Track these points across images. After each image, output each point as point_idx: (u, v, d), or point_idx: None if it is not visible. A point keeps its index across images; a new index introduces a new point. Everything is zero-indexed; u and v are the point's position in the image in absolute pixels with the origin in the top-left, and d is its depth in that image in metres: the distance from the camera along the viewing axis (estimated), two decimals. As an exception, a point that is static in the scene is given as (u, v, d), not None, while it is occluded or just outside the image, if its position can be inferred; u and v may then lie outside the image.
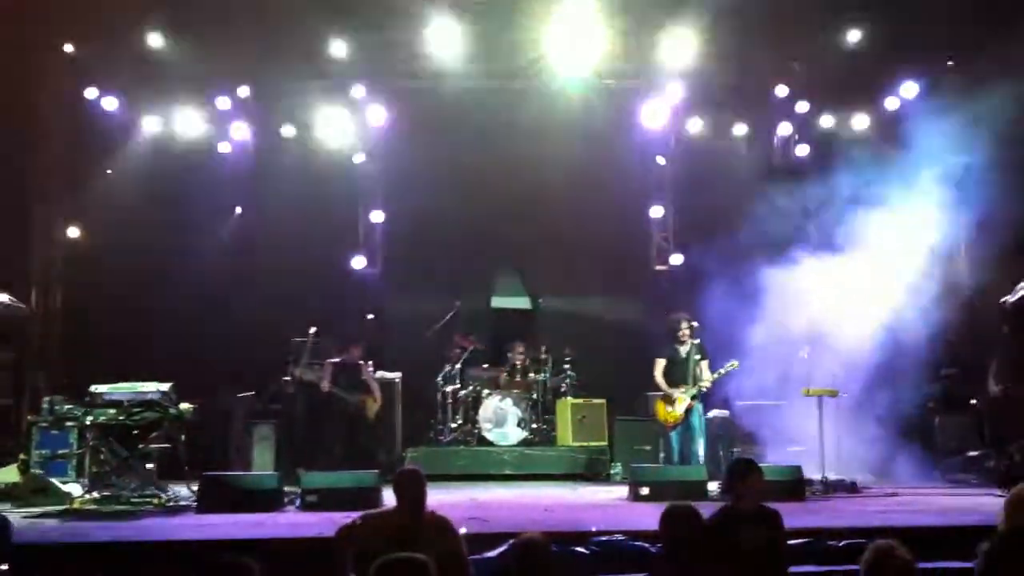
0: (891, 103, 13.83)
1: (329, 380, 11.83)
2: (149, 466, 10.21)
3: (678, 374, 11.31)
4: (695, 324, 11.43)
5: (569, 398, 13.49)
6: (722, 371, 11.19)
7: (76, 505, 9.53)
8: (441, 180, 14.22)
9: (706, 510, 5.88)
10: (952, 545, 6.85)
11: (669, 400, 11.24)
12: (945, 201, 11.43)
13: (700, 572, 5.10)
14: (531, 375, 13.81)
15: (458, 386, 13.66)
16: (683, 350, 11.34)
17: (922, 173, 11.70)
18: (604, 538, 7.16)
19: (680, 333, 11.33)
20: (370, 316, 14.82)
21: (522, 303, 15.86)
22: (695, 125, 14.75)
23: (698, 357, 11.31)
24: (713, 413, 11.95)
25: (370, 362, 12.56)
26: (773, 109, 14.52)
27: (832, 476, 10.62)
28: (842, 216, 12.06)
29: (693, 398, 11.18)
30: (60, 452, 10.97)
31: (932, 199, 11.52)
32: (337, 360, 12.07)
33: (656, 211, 15.32)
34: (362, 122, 14.16)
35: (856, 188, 12.22)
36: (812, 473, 10.45)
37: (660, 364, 11.43)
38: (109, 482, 9.98)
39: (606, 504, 10.21)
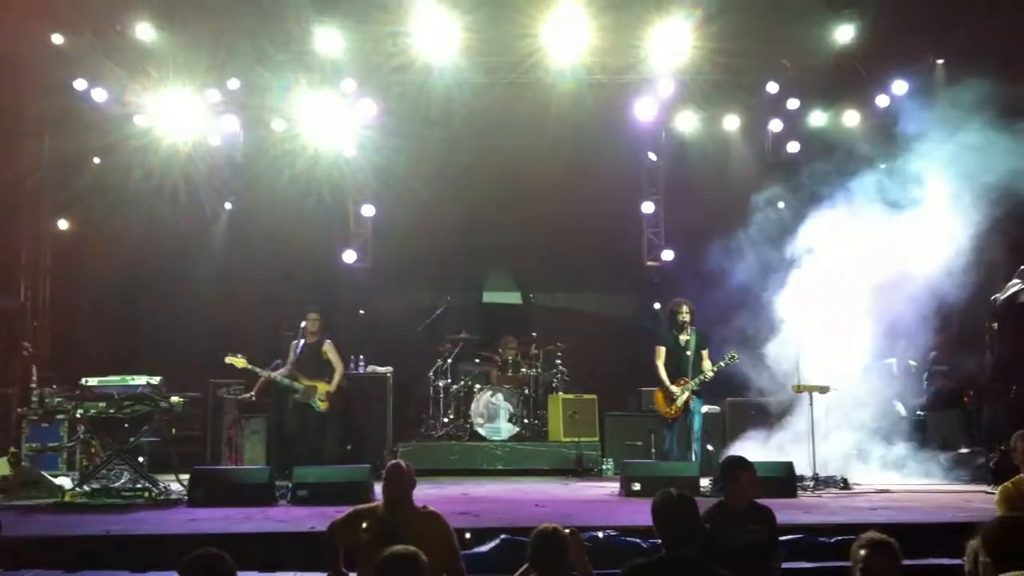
0: (882, 100, 13.86)
1: (292, 364, 11.35)
2: (140, 459, 10.21)
3: (678, 364, 11.07)
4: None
5: (560, 393, 13.51)
6: (723, 363, 11.00)
7: (67, 498, 9.48)
8: (432, 175, 14.21)
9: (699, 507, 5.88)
10: (942, 542, 6.86)
11: (669, 392, 11.05)
12: (937, 195, 11.44)
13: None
14: (523, 370, 13.81)
15: (449, 381, 13.67)
16: (683, 338, 11.09)
17: (914, 170, 11.74)
18: (596, 533, 7.15)
19: (680, 317, 11.12)
20: (361, 311, 14.82)
21: (513, 298, 15.90)
22: (686, 121, 14.77)
23: (698, 347, 11.11)
24: (705, 409, 11.94)
25: (329, 340, 11.74)
26: (764, 105, 14.53)
27: (823, 472, 10.65)
28: (838, 215, 12.06)
29: (692, 391, 11.02)
30: (50, 445, 10.95)
31: (923, 193, 11.54)
32: (296, 340, 11.56)
33: (647, 207, 15.37)
34: (353, 116, 14.09)
35: (848, 185, 12.23)
36: (803, 469, 10.47)
37: (661, 352, 11.15)
38: (100, 475, 9.98)
39: (598, 499, 10.21)
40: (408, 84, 13.82)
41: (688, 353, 11.07)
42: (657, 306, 14.56)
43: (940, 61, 13.48)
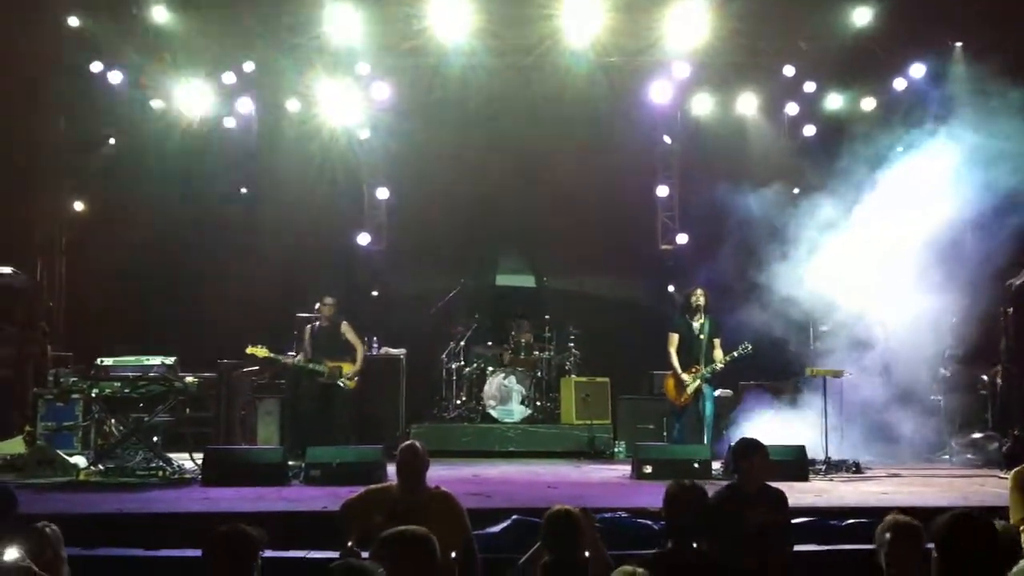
0: (899, 84, 13.77)
1: (308, 348, 11.41)
2: (154, 439, 10.27)
3: (690, 351, 11.00)
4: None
5: (573, 376, 13.51)
6: (735, 354, 10.91)
7: (82, 477, 9.56)
8: (446, 157, 14.21)
9: (710, 490, 5.87)
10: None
11: (680, 380, 11.02)
12: (954, 181, 11.35)
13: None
14: (535, 353, 13.81)
15: (462, 363, 13.69)
16: (696, 324, 11.02)
17: (929, 152, 11.66)
18: (607, 515, 7.16)
19: (693, 302, 11.04)
20: (375, 293, 14.84)
21: (527, 281, 15.90)
22: (702, 104, 14.71)
23: (711, 334, 11.02)
24: (717, 392, 11.91)
25: (346, 321, 11.72)
26: (780, 88, 14.46)
27: (835, 456, 10.63)
28: (851, 195, 12.00)
29: (704, 380, 10.97)
30: (66, 424, 11.00)
31: (939, 179, 11.46)
32: (311, 323, 11.65)
33: (662, 190, 15.35)
34: (367, 98, 14.09)
35: (861, 167, 12.17)
36: (815, 453, 10.45)
37: (673, 339, 11.07)
38: (114, 454, 10.04)
39: (609, 482, 10.22)
40: (422, 66, 13.82)
41: (701, 338, 11.00)
42: (671, 289, 14.54)
43: (959, 44, 13.36)
